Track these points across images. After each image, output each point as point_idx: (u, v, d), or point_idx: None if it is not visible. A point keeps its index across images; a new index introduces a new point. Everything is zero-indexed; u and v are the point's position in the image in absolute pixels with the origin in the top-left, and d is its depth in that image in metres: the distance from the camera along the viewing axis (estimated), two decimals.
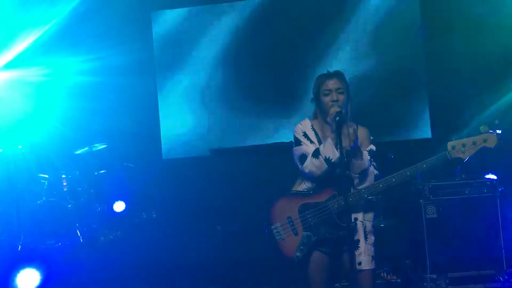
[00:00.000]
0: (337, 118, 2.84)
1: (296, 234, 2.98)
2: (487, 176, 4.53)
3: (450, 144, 2.88)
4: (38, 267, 5.03)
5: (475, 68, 7.44)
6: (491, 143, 2.85)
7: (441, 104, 7.34)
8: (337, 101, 2.98)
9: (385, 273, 4.50)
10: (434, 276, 4.15)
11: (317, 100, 3.09)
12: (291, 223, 3.00)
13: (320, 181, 3.02)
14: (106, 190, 7.30)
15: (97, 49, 7.73)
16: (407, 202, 4.61)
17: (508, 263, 4.15)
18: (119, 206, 7.07)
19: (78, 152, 6.89)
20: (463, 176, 4.37)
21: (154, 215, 7.52)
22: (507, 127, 5.57)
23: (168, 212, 7.57)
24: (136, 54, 7.83)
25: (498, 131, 2.90)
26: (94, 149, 6.90)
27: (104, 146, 7.12)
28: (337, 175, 2.74)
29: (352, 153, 2.92)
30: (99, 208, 6.99)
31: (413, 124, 7.63)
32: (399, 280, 4.49)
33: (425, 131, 7.55)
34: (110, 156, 7.80)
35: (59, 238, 6.29)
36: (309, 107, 3.24)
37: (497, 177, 4.49)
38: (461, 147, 2.87)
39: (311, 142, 3.09)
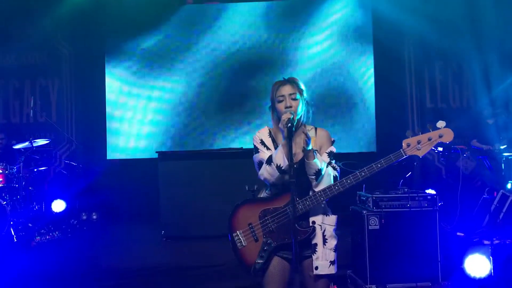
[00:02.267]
0: (289, 124, 2.83)
1: (256, 240, 2.95)
2: (427, 191, 4.67)
3: (405, 142, 2.83)
4: None
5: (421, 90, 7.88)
6: (447, 138, 2.81)
7: (386, 122, 7.69)
8: (290, 107, 2.97)
9: None
10: (373, 286, 4.21)
11: (273, 107, 3.09)
12: (252, 230, 2.97)
13: (279, 187, 3.02)
14: (46, 188, 7.02)
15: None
16: (351, 213, 4.68)
17: (443, 276, 4.28)
18: (58, 206, 6.79)
19: (17, 146, 6.57)
20: (406, 189, 4.47)
21: (95, 217, 7.29)
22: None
23: (110, 214, 7.37)
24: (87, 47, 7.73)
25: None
26: (35, 144, 6.59)
27: (46, 141, 6.82)
28: (295, 180, 2.71)
29: (306, 154, 2.91)
30: (36, 207, 6.68)
31: (360, 139, 7.93)
32: None
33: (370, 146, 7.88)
34: (51, 152, 7.53)
35: None
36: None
37: (436, 192, 4.64)
38: (416, 144, 2.82)
39: (268, 149, 3.08)
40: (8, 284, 4.73)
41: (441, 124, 2.80)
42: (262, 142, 3.11)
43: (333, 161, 3.06)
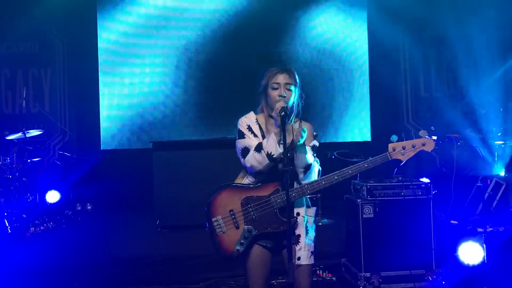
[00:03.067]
0: (282, 113, 2.82)
1: (237, 227, 2.94)
2: (422, 180, 4.70)
3: (391, 146, 2.97)
4: None
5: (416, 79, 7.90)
6: (429, 147, 3.00)
7: (381, 111, 7.72)
8: (284, 96, 2.97)
9: (321, 270, 4.56)
10: (367, 274, 4.24)
11: (265, 93, 3.06)
12: (233, 216, 2.95)
13: (263, 175, 3.00)
14: (40, 179, 6.98)
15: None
16: (345, 201, 4.70)
17: (437, 263, 4.31)
18: (53, 196, 6.76)
19: (10, 137, 6.52)
20: (400, 178, 4.49)
21: (89, 207, 7.29)
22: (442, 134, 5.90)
23: (105, 204, 7.36)
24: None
25: (434, 137, 3.05)
26: (28, 135, 6.55)
27: (39, 132, 6.78)
28: (280, 170, 2.71)
29: (297, 148, 2.92)
30: (30, 198, 6.66)
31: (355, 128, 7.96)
32: (334, 278, 4.56)
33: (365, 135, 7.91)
34: (45, 143, 7.50)
35: None
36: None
37: (430, 180, 4.66)
38: (401, 149, 2.97)
39: (255, 135, 3.06)
40: (2, 275, 4.72)
41: (423, 133, 3.03)
42: (249, 128, 3.08)
43: (315, 155, 3.07)
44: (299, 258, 2.97)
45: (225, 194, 3.01)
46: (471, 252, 4.21)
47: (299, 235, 3.00)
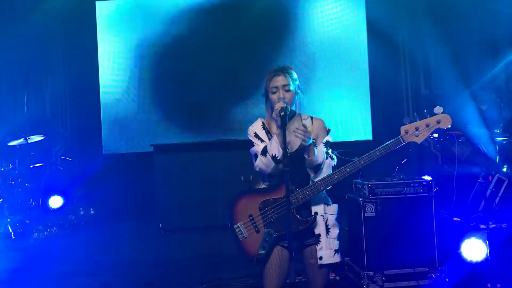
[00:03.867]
0: (282, 113, 2.83)
1: (258, 231, 2.96)
2: (423, 177, 4.69)
3: (403, 129, 2.85)
4: None
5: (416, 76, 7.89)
6: (445, 124, 2.83)
7: (382, 109, 7.70)
8: (284, 98, 2.98)
9: None
10: (371, 273, 4.22)
11: (266, 97, 3.09)
12: (252, 221, 2.97)
13: (277, 178, 3.02)
14: (42, 184, 7.01)
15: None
16: (347, 200, 4.69)
17: (440, 261, 4.30)
18: (55, 202, 6.79)
19: (12, 143, 6.54)
20: (401, 175, 4.48)
21: (92, 212, 7.30)
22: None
23: (107, 208, 7.37)
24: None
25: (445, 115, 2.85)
26: (30, 140, 6.57)
27: (41, 137, 6.80)
28: (289, 169, 2.72)
29: (305, 149, 2.92)
30: (33, 203, 6.68)
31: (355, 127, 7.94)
32: (337, 278, 4.55)
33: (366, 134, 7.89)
34: (47, 148, 7.52)
35: None
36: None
37: (432, 178, 4.65)
38: (414, 130, 2.83)
39: (262, 141, 3.08)
40: (6, 280, 4.73)
41: (438, 109, 2.83)
42: (256, 135, 3.11)
43: (330, 150, 3.06)
44: (321, 258, 2.97)
45: (243, 201, 3.03)
46: (474, 249, 4.21)
47: (319, 235, 2.99)
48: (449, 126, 2.82)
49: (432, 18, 7.59)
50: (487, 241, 4.23)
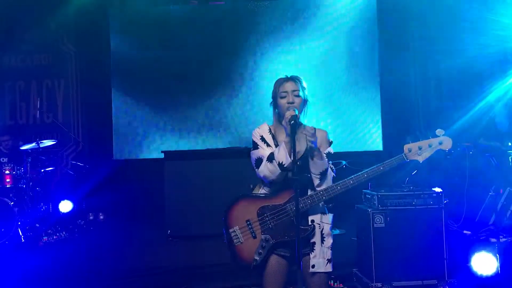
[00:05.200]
0: (292, 121, 2.83)
1: (254, 237, 2.94)
2: (434, 189, 4.65)
3: (406, 147, 2.91)
4: None
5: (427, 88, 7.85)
6: (446, 146, 2.91)
7: (392, 120, 7.67)
8: (293, 103, 2.98)
9: (332, 280, 4.53)
10: (379, 284, 4.20)
11: (274, 103, 3.09)
12: (249, 226, 2.95)
13: (278, 185, 3.00)
14: (53, 188, 7.06)
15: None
16: (356, 211, 4.67)
17: (450, 274, 4.26)
18: (65, 206, 6.82)
19: (24, 147, 6.61)
20: (411, 187, 4.45)
21: (101, 217, 7.33)
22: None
23: (117, 214, 7.41)
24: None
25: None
26: (41, 145, 6.63)
27: (53, 142, 6.86)
28: (298, 178, 2.71)
29: (312, 153, 2.92)
30: (44, 207, 6.73)
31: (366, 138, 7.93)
32: None
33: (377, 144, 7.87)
34: (58, 153, 7.58)
35: None
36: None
37: (442, 190, 4.62)
38: (417, 149, 2.90)
39: (268, 145, 3.07)
40: (16, 284, 4.76)
41: (440, 132, 2.92)
42: (263, 139, 3.10)
43: (330, 162, 3.06)
44: (313, 266, 2.95)
45: (241, 205, 3.00)
46: (484, 263, 4.17)
47: (314, 243, 2.97)
48: (450, 148, 2.91)
49: (444, 30, 7.57)
50: (497, 255, 4.18)
